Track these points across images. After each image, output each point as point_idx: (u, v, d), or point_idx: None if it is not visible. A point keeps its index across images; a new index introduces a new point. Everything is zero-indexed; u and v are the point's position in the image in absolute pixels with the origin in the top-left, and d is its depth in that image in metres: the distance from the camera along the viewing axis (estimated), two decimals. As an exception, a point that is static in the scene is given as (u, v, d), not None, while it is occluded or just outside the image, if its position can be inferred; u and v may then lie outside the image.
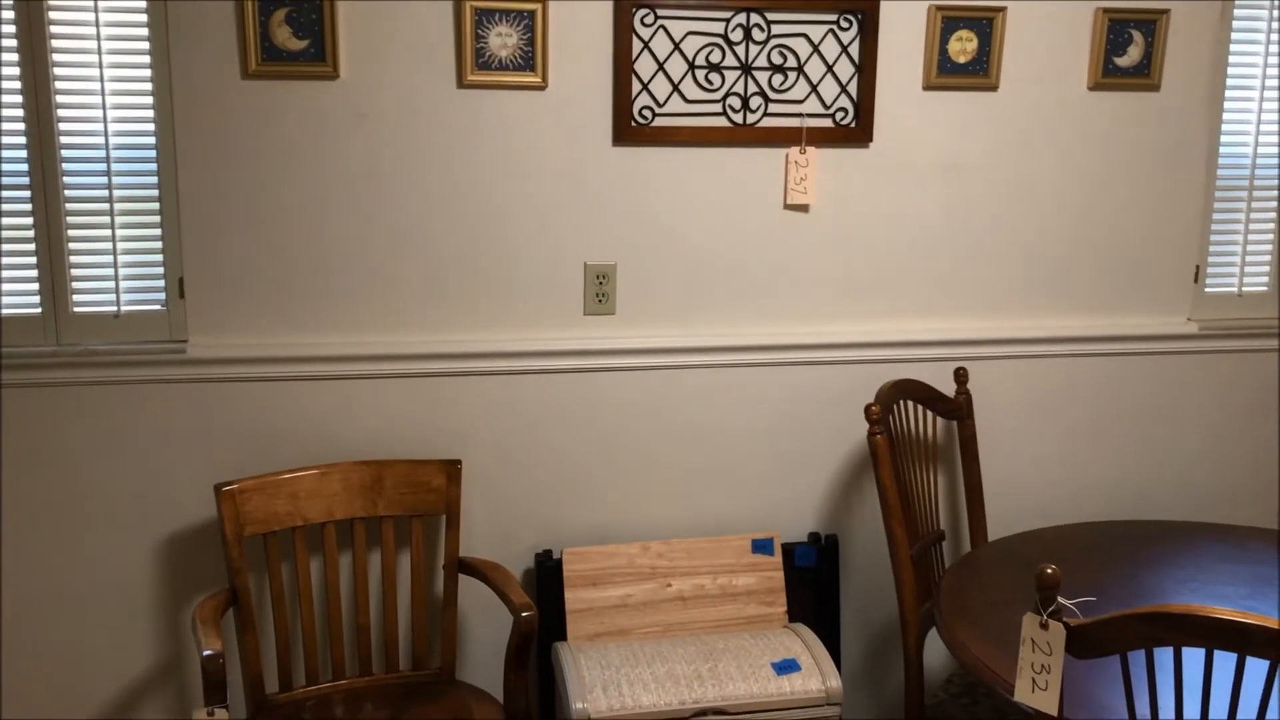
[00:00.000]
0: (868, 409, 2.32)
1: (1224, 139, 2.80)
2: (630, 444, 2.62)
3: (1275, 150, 2.83)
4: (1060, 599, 1.50)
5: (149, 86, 2.33)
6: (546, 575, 2.55)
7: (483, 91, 2.42)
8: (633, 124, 2.48)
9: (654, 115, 2.49)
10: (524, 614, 2.22)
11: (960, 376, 2.66)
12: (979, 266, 2.72)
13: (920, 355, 2.72)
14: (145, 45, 2.31)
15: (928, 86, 2.61)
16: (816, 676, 2.27)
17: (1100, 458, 2.87)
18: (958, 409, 2.66)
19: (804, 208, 2.61)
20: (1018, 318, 2.77)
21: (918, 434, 2.62)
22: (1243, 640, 1.37)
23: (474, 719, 2.29)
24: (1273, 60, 2.79)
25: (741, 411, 2.67)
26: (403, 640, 2.54)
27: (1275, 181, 2.85)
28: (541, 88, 2.44)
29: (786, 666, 2.27)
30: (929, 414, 2.67)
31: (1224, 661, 1.47)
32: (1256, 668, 1.74)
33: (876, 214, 2.64)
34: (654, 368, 2.60)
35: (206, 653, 2.06)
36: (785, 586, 2.61)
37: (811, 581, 2.70)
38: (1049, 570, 1.49)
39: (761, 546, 2.61)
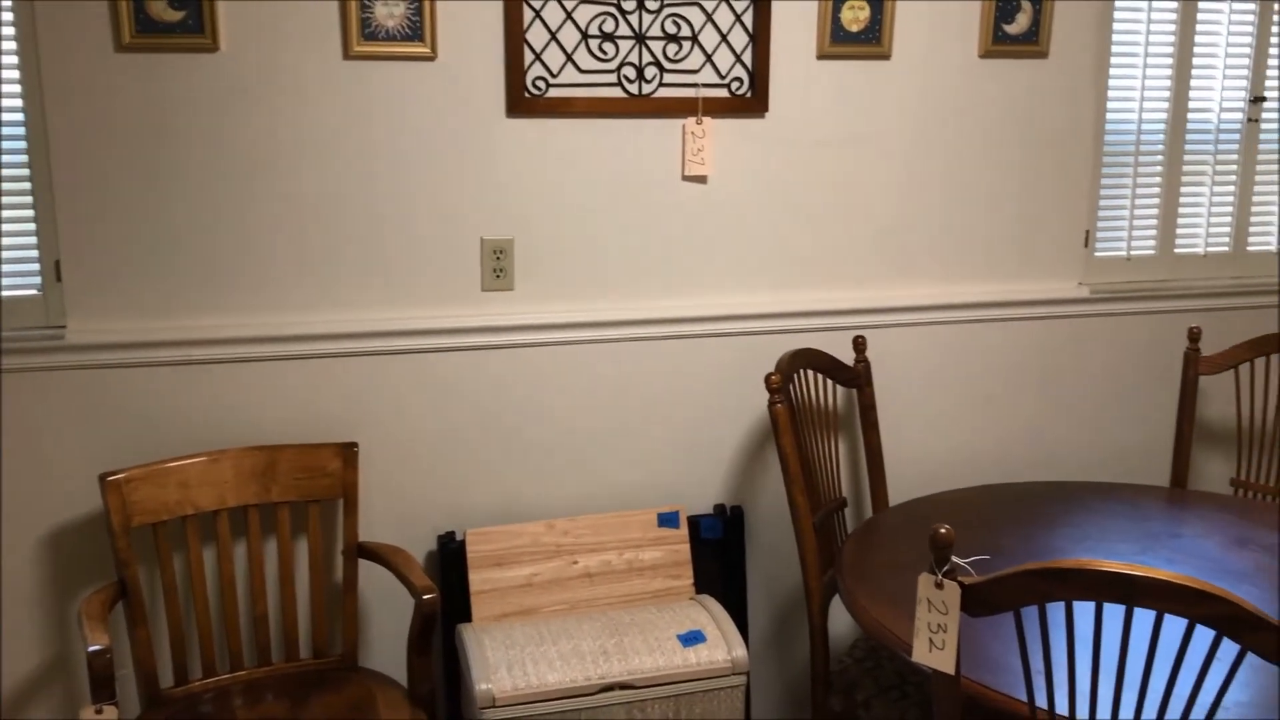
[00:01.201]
0: (768, 378, 2.33)
1: (1110, 106, 2.86)
2: (534, 421, 2.59)
3: (1160, 117, 2.90)
4: (954, 558, 1.51)
5: (15, 60, 2.22)
6: (450, 557, 2.51)
7: (370, 63, 2.36)
8: (526, 95, 2.44)
9: (548, 86, 2.46)
10: (425, 596, 2.18)
11: (859, 345, 2.68)
12: (876, 235, 2.74)
13: (820, 325, 2.73)
14: (10, 17, 2.20)
15: (822, 55, 2.61)
16: (722, 647, 2.27)
17: (997, 421, 2.91)
18: (857, 377, 2.67)
19: (702, 179, 2.60)
20: (915, 285, 2.80)
21: (818, 403, 2.64)
22: (1129, 591, 1.39)
23: (377, 705, 2.25)
24: (1155, 28, 2.85)
25: (644, 385, 2.65)
26: (303, 628, 2.49)
27: (1160, 147, 2.92)
28: (431, 58, 2.38)
29: (692, 638, 2.27)
30: (829, 383, 2.69)
31: (1114, 614, 1.50)
32: (1144, 618, 1.79)
33: (775, 184, 2.64)
34: (555, 344, 2.57)
35: (92, 648, 1.99)
36: (692, 559, 2.60)
37: (718, 553, 2.70)
38: (942, 530, 1.49)
39: (667, 520, 2.60)
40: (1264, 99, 2.95)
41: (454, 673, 2.54)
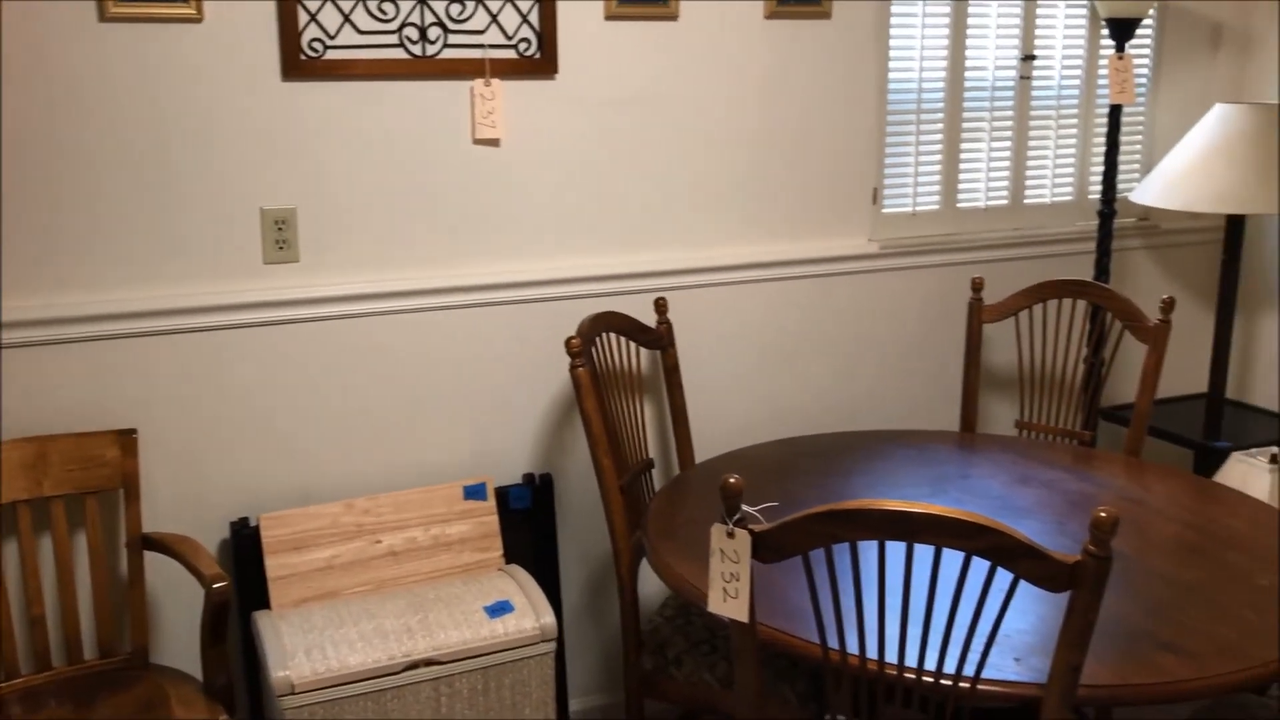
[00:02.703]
0: (568, 342, 2.30)
1: (891, 66, 2.94)
2: (329, 398, 2.50)
3: (939, 76, 2.99)
4: (745, 507, 1.52)
5: None
6: (244, 544, 2.41)
7: (130, 25, 2.21)
8: (302, 57, 2.34)
9: (325, 48, 2.36)
10: (215, 585, 2.08)
11: (660, 307, 2.69)
12: (672, 197, 2.74)
13: (622, 288, 2.72)
14: None
15: (610, 16, 2.59)
16: (530, 615, 2.24)
17: (797, 377, 2.97)
18: (660, 339, 2.68)
19: (494, 142, 2.55)
20: (712, 246, 2.82)
21: (622, 366, 2.63)
22: (909, 529, 1.42)
23: (170, 702, 2.13)
24: (931, -11, 2.93)
25: (444, 357, 2.59)
26: (86, 628, 2.34)
27: (940, 106, 3.01)
28: (197, 20, 2.25)
29: (499, 609, 2.24)
30: (632, 345, 2.68)
31: (899, 552, 1.54)
32: (925, 554, 1.85)
33: (569, 146, 2.61)
34: (346, 316, 2.48)
35: None
36: (501, 530, 2.57)
37: (528, 523, 2.67)
38: (731, 480, 1.50)
39: (474, 492, 2.55)
40: (1034, 57, 3.09)
41: (255, 664, 2.44)
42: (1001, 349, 3.18)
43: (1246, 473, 2.78)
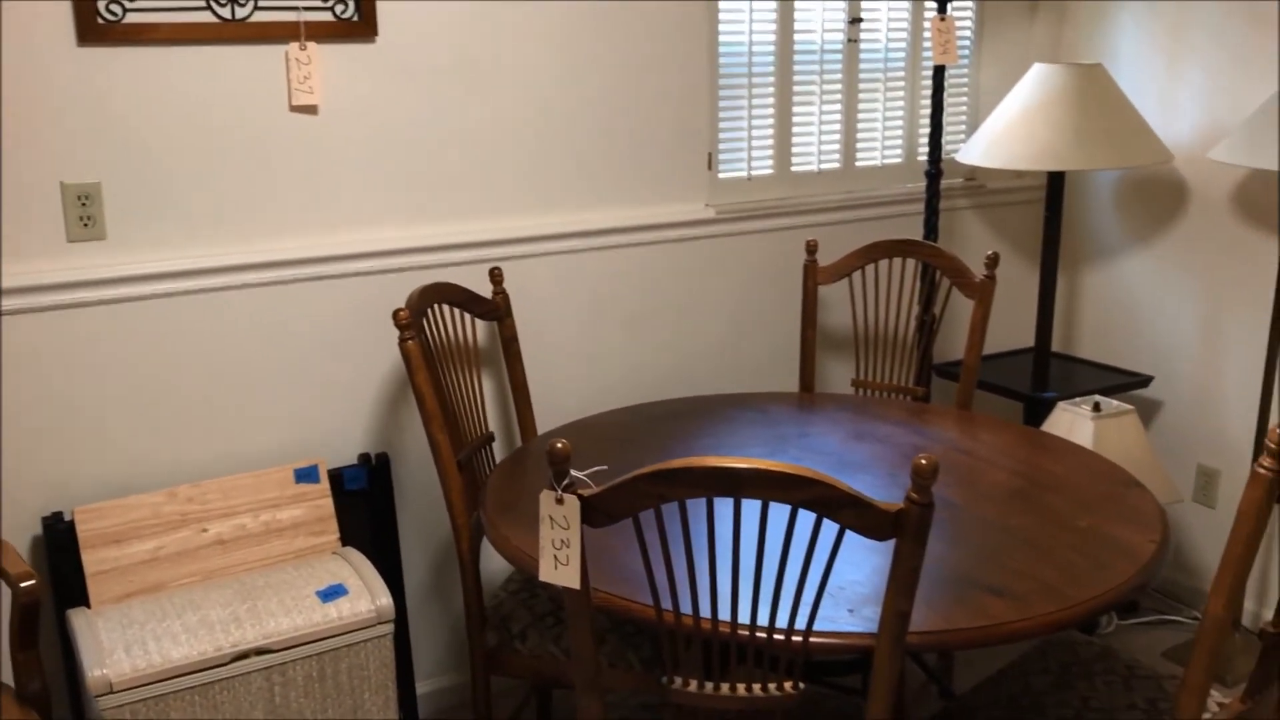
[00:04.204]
0: (396, 315, 2.23)
1: (722, 30, 2.93)
2: (145, 383, 2.37)
3: (769, 40, 3.00)
4: (573, 472, 1.48)
5: None
6: (58, 540, 2.26)
7: (-100, -15, 2.04)
8: (99, 21, 2.19)
9: (125, 11, 2.22)
10: (22, 585, 1.95)
11: (495, 277, 2.63)
12: (504, 165, 2.69)
13: (455, 259, 2.65)
14: None
15: (431, -22, 2.51)
16: (365, 598, 2.17)
17: (639, 344, 2.96)
18: (496, 309, 2.62)
19: (313, 109, 2.44)
20: (549, 214, 2.77)
21: (457, 338, 2.57)
22: (735, 484, 1.41)
23: (-23, 712, 1.99)
24: (758, -48, 2.94)
25: (267, 335, 2.48)
26: (-119, 640, 2.17)
27: (771, 70, 3.02)
28: (-23, -20, 2.09)
29: (333, 593, 2.16)
30: (467, 317, 2.62)
31: (729, 509, 1.53)
32: (753, 509, 1.85)
33: (393, 113, 2.53)
34: (160, 295, 2.35)
35: None
36: (337, 513, 2.48)
37: (366, 504, 2.59)
38: (559, 445, 1.47)
39: (305, 475, 2.46)
40: (861, 20, 3.13)
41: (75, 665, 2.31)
42: (838, 310, 3.23)
43: (1072, 421, 2.88)
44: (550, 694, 2.82)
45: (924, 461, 1.39)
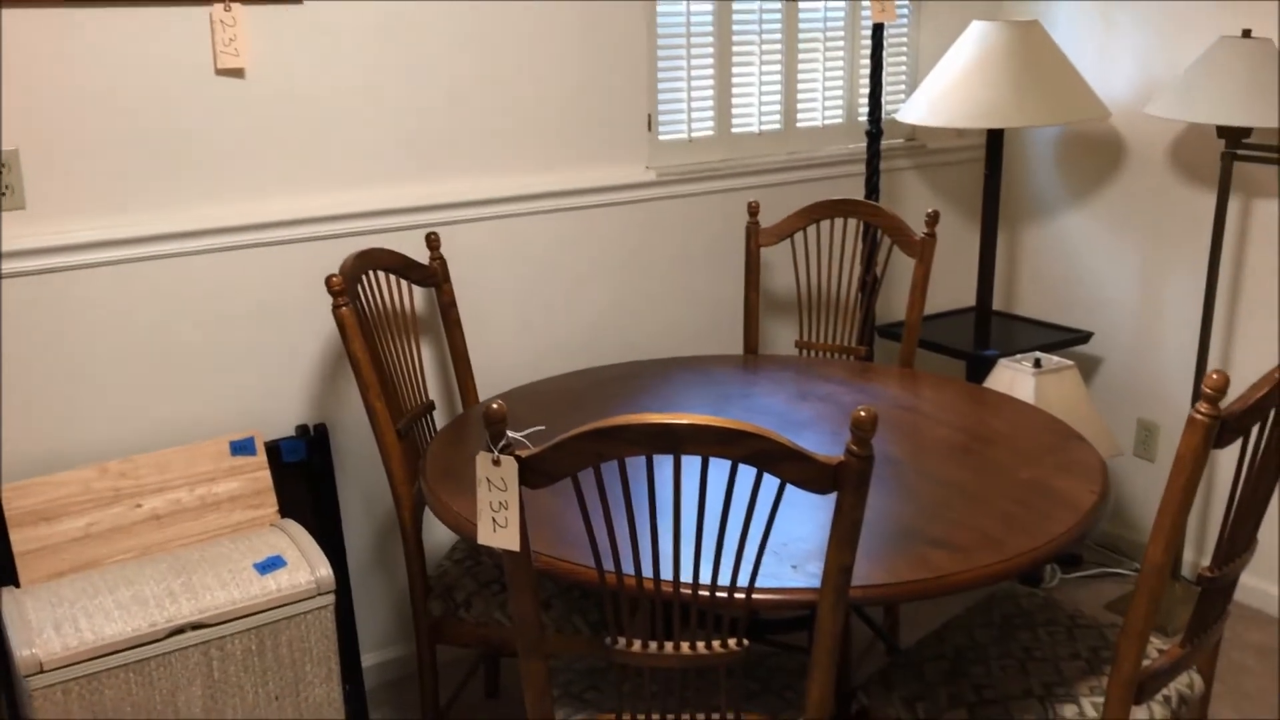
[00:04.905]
0: (329, 280, 2.18)
1: (659, -12, 2.90)
2: (71, 356, 2.30)
3: (708, 0, 2.97)
4: (510, 433, 1.46)
5: None
6: (-15, 518, 2.20)
7: None
8: (10, -19, 2.11)
9: (37, -30, 2.14)
10: (-55, 564, 1.89)
11: (432, 242, 2.58)
12: (440, 128, 2.63)
13: (391, 224, 2.60)
14: None
15: (358, -64, 2.44)
16: (304, 569, 2.13)
17: (582, 309, 2.93)
18: (433, 275, 2.58)
19: (239, 72, 2.38)
20: (487, 177, 2.73)
21: (394, 306, 2.52)
22: (674, 440, 1.39)
23: (-98, 697, 1.94)
24: (694, -90, 2.89)
25: (201, 305, 2.42)
26: None
27: (710, 30, 2.99)
28: (-122, -63, 2.00)
29: (271, 564, 2.12)
30: (404, 284, 2.58)
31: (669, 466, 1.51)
32: (694, 466, 1.84)
33: (322, 76, 2.47)
34: (88, 265, 2.28)
35: None
36: (276, 486, 2.43)
37: (305, 476, 2.55)
38: (494, 406, 1.44)
39: (241, 448, 2.41)
40: (798, -20, 3.10)
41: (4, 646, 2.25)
42: (780, 272, 3.22)
43: (1013, 377, 2.90)
44: (498, 662, 2.80)
45: (863, 414, 1.37)
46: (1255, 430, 1.60)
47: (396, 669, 2.84)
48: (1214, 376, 1.49)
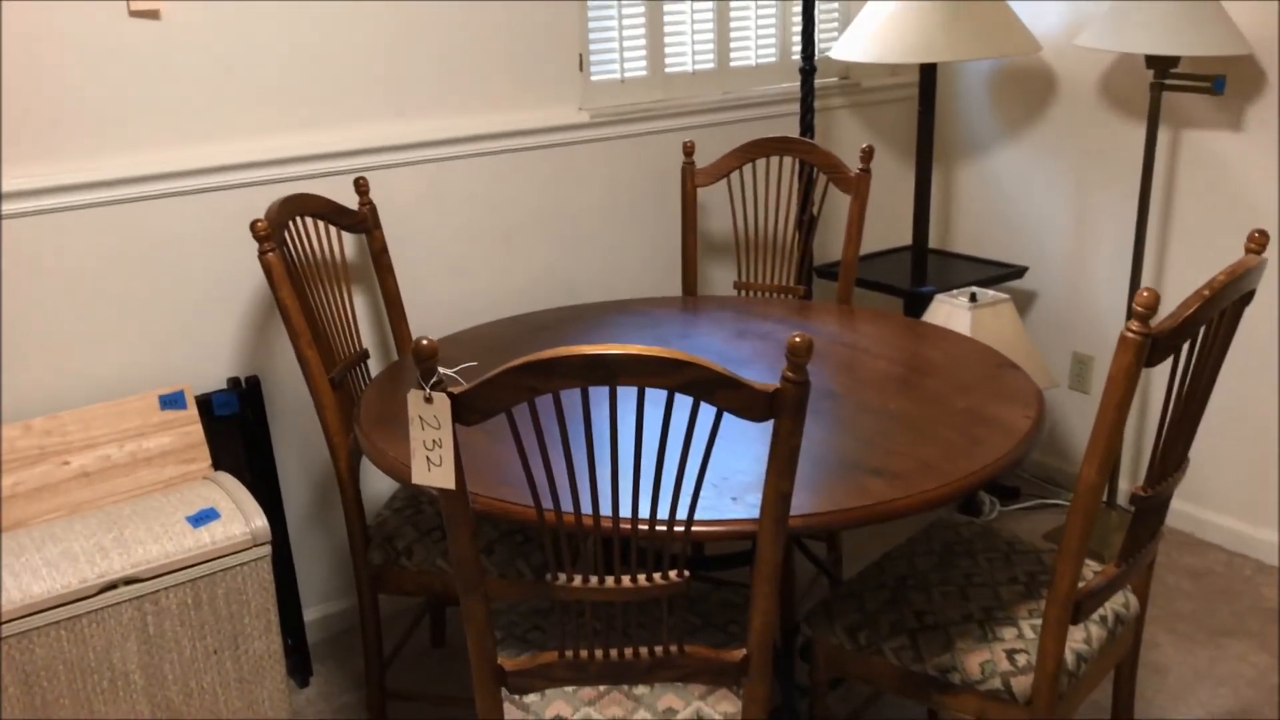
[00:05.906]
0: (254, 225, 2.12)
1: (587, -76, 2.84)
2: (-13, 311, 2.23)
3: (636, -65, 2.92)
4: (441, 369, 1.43)
5: None
6: (-97, 481, 2.13)
7: None
8: (-97, -83, 2.01)
9: (-68, -94, 2.04)
10: None
11: (361, 187, 2.52)
12: (366, 70, 2.57)
13: (317, 169, 2.54)
14: None
15: None
16: (239, 520, 2.09)
17: (517, 253, 2.89)
18: (364, 221, 2.52)
19: (154, 14, 2.29)
20: (415, 121, 2.67)
21: (324, 252, 2.47)
22: (609, 372, 1.37)
23: None
24: None
25: (122, 256, 2.35)
26: None
27: (640, -33, 2.95)
28: None
29: (204, 517, 2.08)
30: (333, 230, 2.52)
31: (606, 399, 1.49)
32: (630, 396, 1.82)
33: (241, 17, 2.39)
34: (4, 217, 2.20)
35: None
36: (208, 440, 2.38)
37: (238, 430, 2.50)
38: (424, 342, 1.41)
39: (171, 402, 2.35)
40: (728, -85, 3.06)
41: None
42: (717, 213, 3.20)
43: (949, 313, 2.91)
44: (444, 612, 2.79)
45: (798, 339, 1.36)
46: (1185, 348, 1.62)
47: (340, 622, 2.82)
48: (1144, 294, 1.50)
